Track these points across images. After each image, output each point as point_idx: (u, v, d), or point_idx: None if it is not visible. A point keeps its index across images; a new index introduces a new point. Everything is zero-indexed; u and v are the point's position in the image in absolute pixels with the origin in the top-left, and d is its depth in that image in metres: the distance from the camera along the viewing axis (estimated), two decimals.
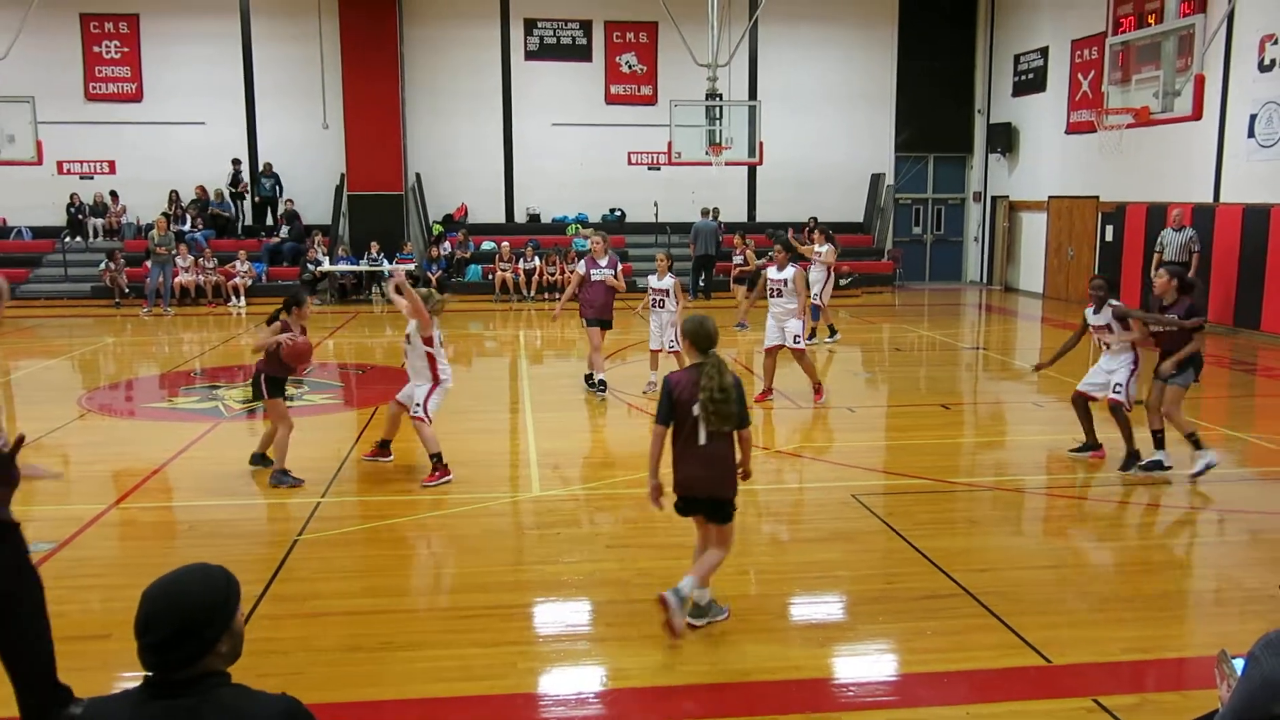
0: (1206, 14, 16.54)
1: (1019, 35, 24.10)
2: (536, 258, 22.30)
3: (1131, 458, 8.41)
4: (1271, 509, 7.61)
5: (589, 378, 11.70)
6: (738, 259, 17.02)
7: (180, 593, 2.34)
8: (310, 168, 23.54)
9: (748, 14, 22.76)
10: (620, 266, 11.54)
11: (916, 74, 25.42)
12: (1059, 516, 7.60)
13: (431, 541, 6.91)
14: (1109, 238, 20.16)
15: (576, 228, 24.09)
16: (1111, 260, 19.71)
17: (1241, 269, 16.37)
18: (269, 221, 23.47)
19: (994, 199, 25.61)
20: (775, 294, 10.94)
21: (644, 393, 11.63)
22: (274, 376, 7.97)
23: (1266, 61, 16.32)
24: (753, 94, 24.27)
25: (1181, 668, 5.12)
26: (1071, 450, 8.99)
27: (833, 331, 16.01)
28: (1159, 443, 8.47)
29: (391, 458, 8.71)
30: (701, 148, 20.19)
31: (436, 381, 8.05)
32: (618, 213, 24.90)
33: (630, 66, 24.62)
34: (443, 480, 7.97)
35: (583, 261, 11.49)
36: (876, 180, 25.45)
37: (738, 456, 5.29)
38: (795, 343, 10.78)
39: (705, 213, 22.84)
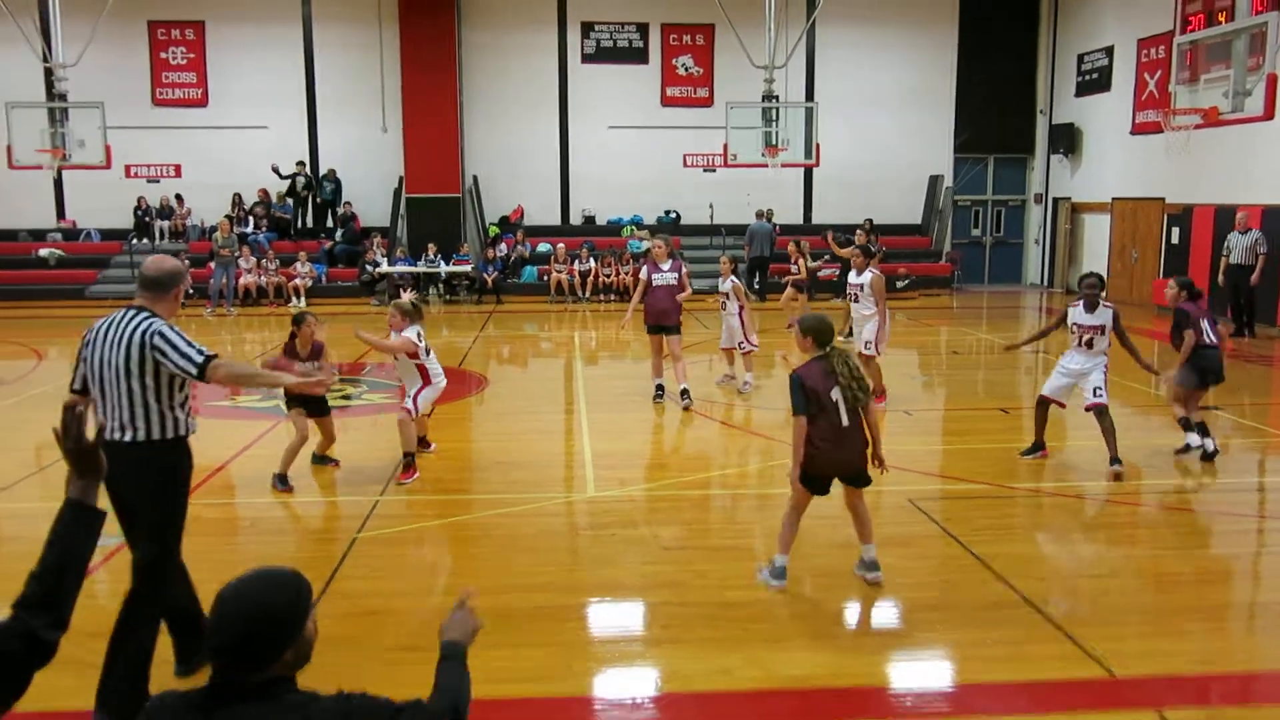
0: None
1: (1083, 35, 23.68)
2: (591, 259, 22.38)
3: (1115, 461, 8.36)
4: None
5: (660, 388, 11.29)
6: (794, 269, 16.92)
7: (253, 596, 2.33)
8: (369, 171, 23.87)
9: (805, 15, 22.65)
10: (685, 270, 11.21)
11: (977, 75, 25.09)
12: (1120, 524, 7.44)
13: (487, 541, 6.97)
14: (1174, 240, 19.72)
15: (632, 229, 24.14)
16: (1177, 263, 19.28)
17: None
18: (329, 224, 23.85)
19: (1055, 201, 25.19)
20: (854, 299, 10.83)
21: (718, 383, 11.99)
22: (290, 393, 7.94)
23: None
24: (809, 95, 24.12)
25: (1249, 683, 4.99)
26: (1023, 453, 8.97)
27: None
28: (1203, 431, 8.80)
29: (433, 447, 9.02)
30: (758, 149, 20.16)
31: (428, 382, 8.21)
32: (673, 215, 24.90)
33: (686, 69, 24.63)
34: (413, 478, 8.08)
35: (645, 266, 11.20)
36: (935, 182, 25.16)
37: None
38: (866, 349, 10.59)
39: (760, 215, 22.75)
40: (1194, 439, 8.85)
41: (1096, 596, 5.91)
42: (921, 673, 5.08)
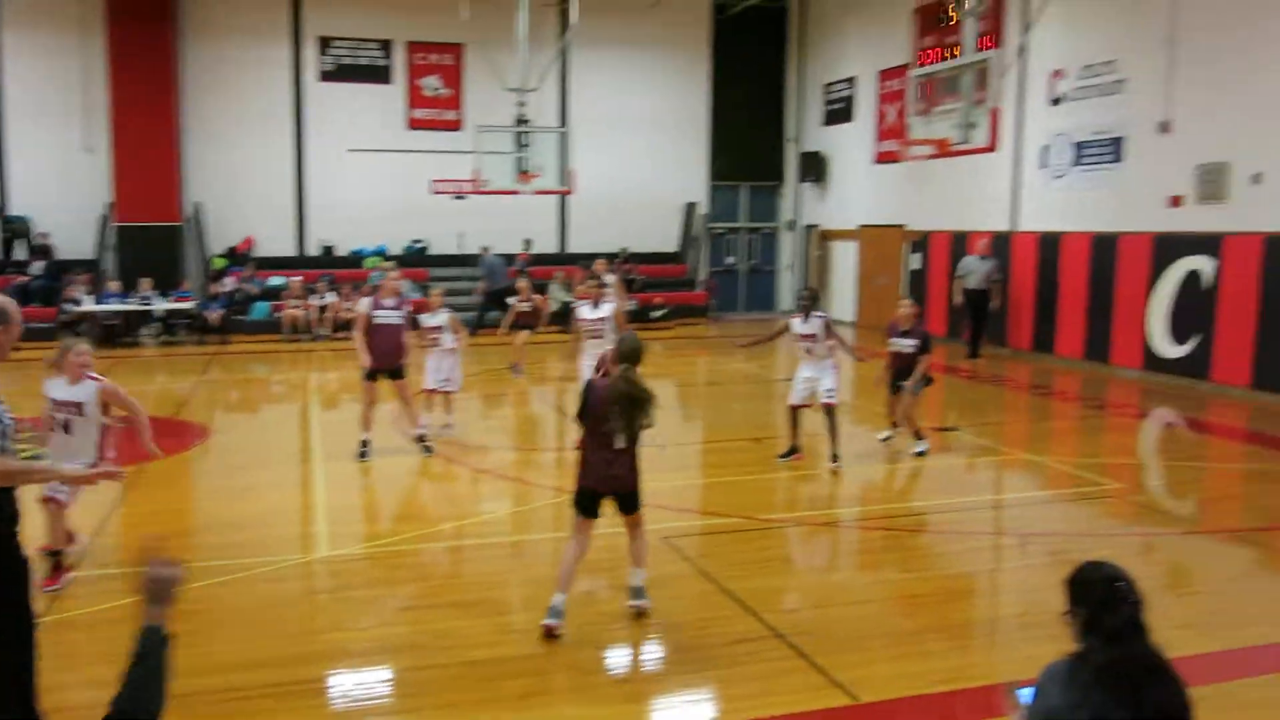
0: (1001, 49, 17.83)
1: (828, 65, 25.29)
2: (330, 293, 21.69)
3: (835, 459, 9.89)
4: (1070, 530, 8.15)
5: (421, 438, 10.75)
6: (523, 305, 15.96)
7: None
8: (67, 195, 22.11)
9: (557, 37, 22.98)
10: (411, 305, 10.83)
11: (729, 102, 26.26)
12: (869, 549, 7.89)
13: (199, 617, 6.51)
14: (916, 265, 21.31)
15: (376, 261, 23.58)
16: (919, 287, 20.82)
17: (1038, 295, 17.61)
18: (20, 256, 21.91)
19: (807, 228, 26.68)
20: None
21: (422, 438, 10.87)
22: None
23: (1056, 95, 17.69)
24: (563, 120, 24.46)
25: (990, 695, 5.36)
26: (780, 456, 10.23)
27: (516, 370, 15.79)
28: (918, 435, 10.59)
29: (78, 542, 7.40)
30: (509, 176, 20.16)
31: (102, 454, 6.91)
32: (420, 244, 24.55)
33: (434, 90, 24.41)
34: (66, 582, 6.76)
35: (365, 300, 10.63)
36: (690, 209, 26.08)
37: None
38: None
39: (485, 250, 22.77)
40: (924, 444, 10.57)
41: (845, 623, 6.22)
42: (676, 716, 5.16)
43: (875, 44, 23.07)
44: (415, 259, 23.81)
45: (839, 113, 24.83)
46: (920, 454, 10.47)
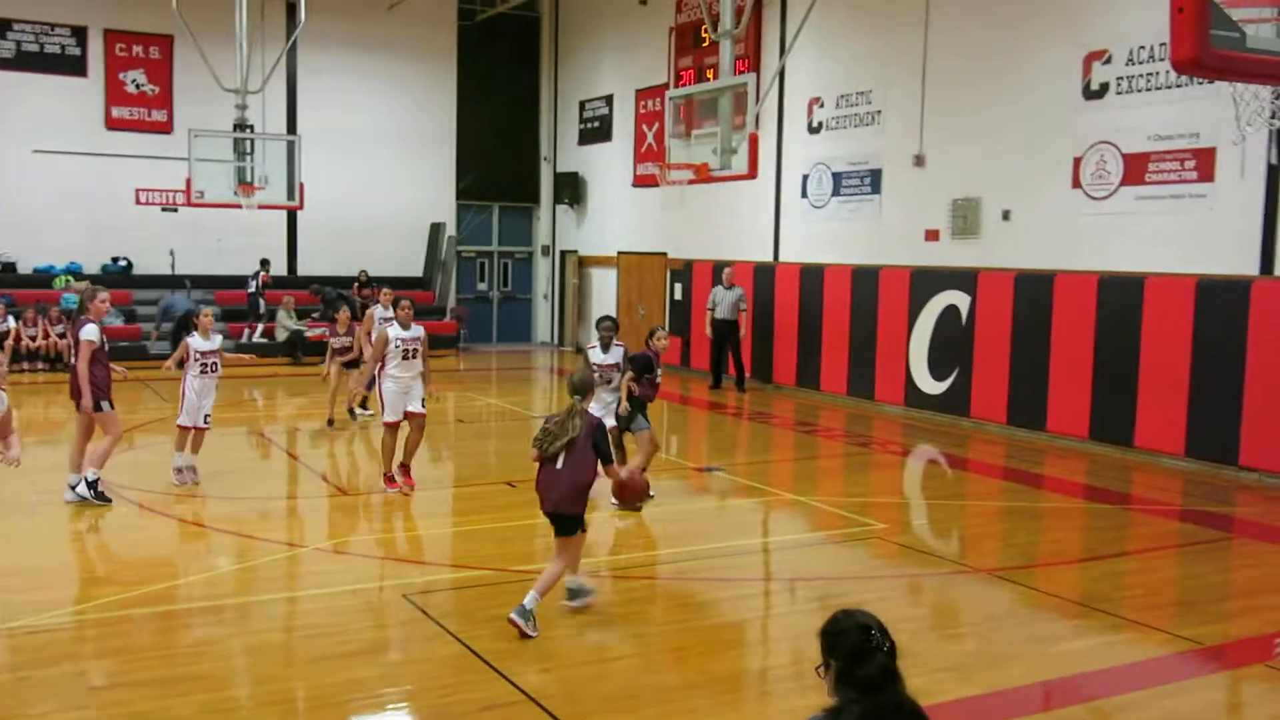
0: (760, 73, 18.65)
1: (584, 80, 25.70)
2: (10, 318, 19.99)
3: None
4: (837, 573, 8.47)
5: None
6: (339, 340, 15.08)
7: None
8: None
9: (285, 34, 22.22)
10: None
11: (479, 116, 26.22)
12: (631, 600, 7.91)
13: None
14: (678, 296, 21.87)
15: (66, 280, 21.93)
16: (681, 318, 21.38)
17: (801, 329, 18.44)
18: None
19: (563, 254, 26.91)
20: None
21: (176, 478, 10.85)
22: None
23: (814, 124, 18.68)
24: (292, 127, 23.69)
25: None
26: None
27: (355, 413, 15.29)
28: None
29: None
30: (230, 187, 19.40)
31: None
32: (122, 262, 23.03)
33: (139, 86, 23.07)
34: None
35: (90, 327, 10.09)
36: (437, 230, 25.78)
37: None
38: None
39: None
40: None
41: (605, 681, 6.18)
42: None
43: (633, 61, 23.66)
44: (117, 279, 22.28)
45: (596, 131, 25.26)
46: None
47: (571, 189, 25.91)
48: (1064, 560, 9.27)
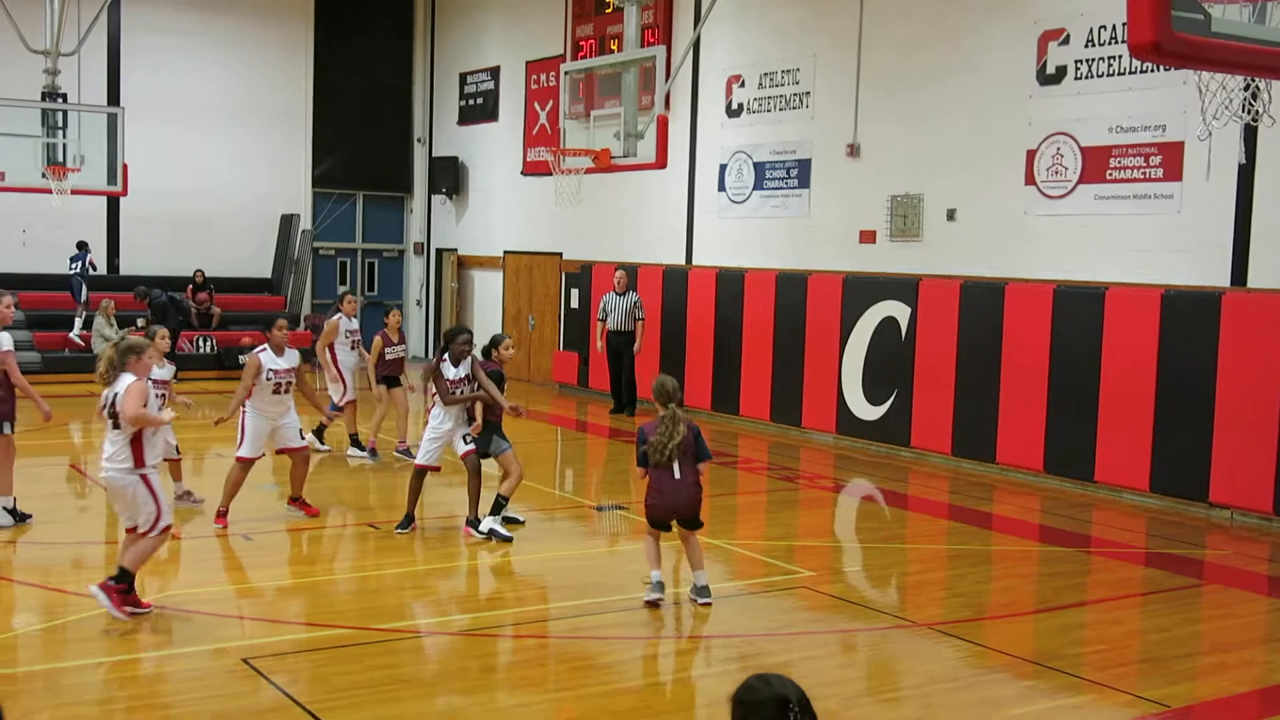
0: (671, 46, 18.78)
1: (465, 50, 25.63)
2: None
3: (475, 523, 10.77)
4: (759, 628, 8.52)
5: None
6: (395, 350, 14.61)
7: None
8: None
9: None
10: None
11: (340, 89, 25.97)
12: (520, 662, 7.88)
13: None
14: (574, 304, 21.87)
15: None
16: (578, 329, 21.38)
17: (717, 342, 18.51)
18: None
19: (440, 252, 26.74)
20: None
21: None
22: None
23: (734, 105, 18.87)
24: (114, 99, 23.19)
25: None
26: (397, 527, 10.81)
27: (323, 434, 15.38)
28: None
29: None
30: (37, 168, 19.09)
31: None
32: None
33: None
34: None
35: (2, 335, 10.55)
36: (289, 223, 25.44)
37: None
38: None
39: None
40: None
41: None
42: None
43: (523, 28, 23.70)
44: None
45: (479, 109, 25.22)
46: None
47: (450, 176, 25.77)
48: (1016, 612, 9.45)
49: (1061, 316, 13.87)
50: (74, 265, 22.14)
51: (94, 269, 22.46)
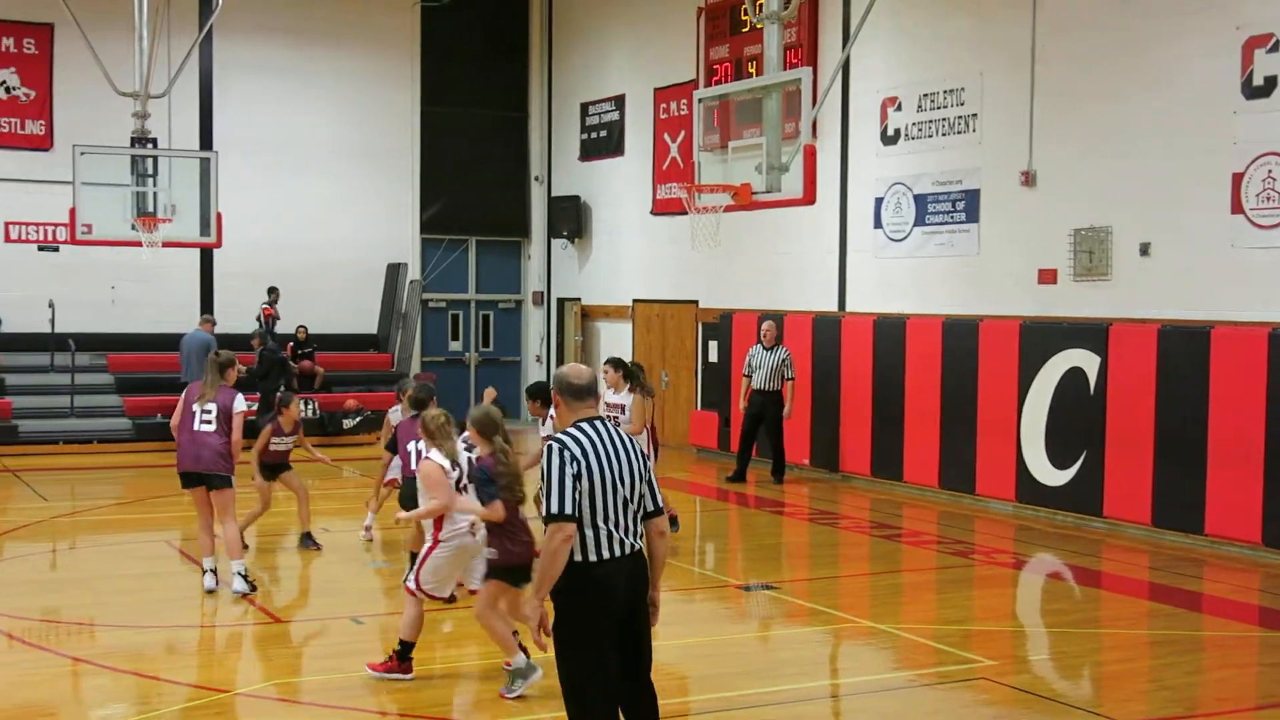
0: (817, 67, 18.77)
1: (587, 78, 25.91)
2: None
3: None
4: None
5: None
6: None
7: None
8: None
9: (197, 22, 22.50)
10: None
11: (449, 124, 26.45)
12: None
13: None
14: (714, 358, 21.86)
15: None
16: (718, 386, 21.34)
17: (876, 399, 18.37)
18: None
19: (561, 302, 26.97)
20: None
21: None
22: None
23: (890, 132, 18.80)
24: (206, 142, 23.92)
25: None
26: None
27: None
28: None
29: None
30: (125, 219, 19.56)
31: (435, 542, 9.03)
32: None
33: (9, 89, 23.48)
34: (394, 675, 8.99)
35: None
36: (395, 273, 25.88)
37: None
38: None
39: (207, 322, 22.52)
40: None
41: None
42: None
43: (650, 52, 23.91)
44: None
45: (603, 143, 25.44)
46: None
47: (571, 218, 26.00)
48: (1233, 708, 9.19)
49: (1279, 364, 13.51)
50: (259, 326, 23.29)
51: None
